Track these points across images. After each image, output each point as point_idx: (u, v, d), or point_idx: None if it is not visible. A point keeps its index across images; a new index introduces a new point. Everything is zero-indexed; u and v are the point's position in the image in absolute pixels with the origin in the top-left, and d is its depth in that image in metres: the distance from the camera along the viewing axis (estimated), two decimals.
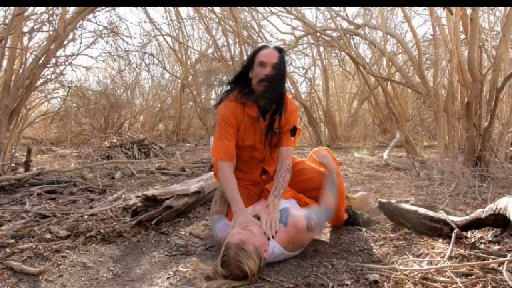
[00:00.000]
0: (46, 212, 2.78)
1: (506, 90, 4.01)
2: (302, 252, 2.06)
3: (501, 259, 1.76)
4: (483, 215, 2.01)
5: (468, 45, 3.75)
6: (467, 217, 2.12)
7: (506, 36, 3.67)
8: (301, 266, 1.90)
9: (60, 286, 1.75)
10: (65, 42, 5.18)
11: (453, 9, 3.85)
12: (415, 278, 1.68)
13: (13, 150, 4.34)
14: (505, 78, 3.64)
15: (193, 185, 2.96)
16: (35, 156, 6.20)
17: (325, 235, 2.39)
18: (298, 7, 7.61)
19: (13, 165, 4.26)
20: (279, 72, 2.10)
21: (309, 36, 8.12)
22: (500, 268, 1.71)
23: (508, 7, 3.68)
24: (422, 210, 2.35)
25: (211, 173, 3.42)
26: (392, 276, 1.69)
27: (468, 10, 3.72)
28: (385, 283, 1.65)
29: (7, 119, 4.23)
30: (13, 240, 2.22)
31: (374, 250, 2.12)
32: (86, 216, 2.68)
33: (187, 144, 9.39)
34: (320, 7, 8.20)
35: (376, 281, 1.68)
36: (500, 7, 4.63)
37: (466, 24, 3.81)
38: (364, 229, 2.44)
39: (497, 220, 1.95)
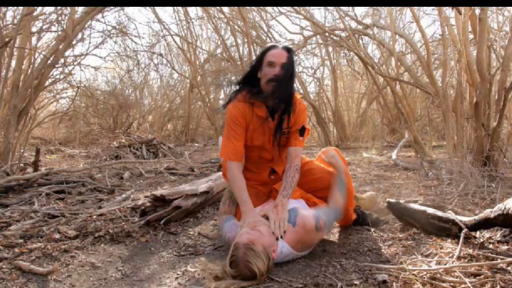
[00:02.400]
0: (55, 212, 2.80)
1: None
2: (311, 252, 2.07)
3: (509, 259, 1.77)
4: (492, 215, 2.02)
5: (476, 45, 3.75)
6: (476, 217, 2.13)
7: None
8: (309, 266, 1.91)
9: (69, 286, 1.76)
10: (74, 42, 5.22)
11: (462, 9, 3.85)
12: (424, 278, 1.68)
13: (22, 150, 4.38)
14: None
15: (202, 185, 2.97)
16: (44, 156, 6.26)
17: (334, 235, 2.40)
18: (306, 7, 7.60)
19: (21, 165, 4.30)
20: (288, 72, 2.12)
21: (318, 36, 8.09)
22: (509, 268, 1.72)
23: None
24: (430, 210, 2.36)
25: (220, 173, 3.44)
26: (401, 276, 1.70)
27: (477, 10, 3.70)
28: (394, 283, 1.66)
29: (15, 119, 4.27)
30: (21, 240, 2.23)
31: (382, 250, 2.12)
32: (94, 216, 2.69)
33: (196, 144, 9.42)
34: (328, 7, 8.19)
35: (384, 281, 1.68)
36: (509, 7, 4.61)
37: (475, 24, 3.81)
38: (372, 229, 2.45)
39: (506, 220, 1.96)
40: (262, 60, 2.17)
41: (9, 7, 5.17)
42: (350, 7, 7.60)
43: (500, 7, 4.65)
